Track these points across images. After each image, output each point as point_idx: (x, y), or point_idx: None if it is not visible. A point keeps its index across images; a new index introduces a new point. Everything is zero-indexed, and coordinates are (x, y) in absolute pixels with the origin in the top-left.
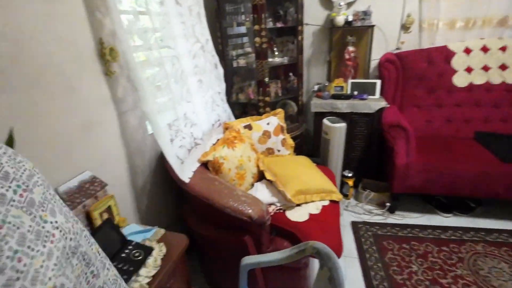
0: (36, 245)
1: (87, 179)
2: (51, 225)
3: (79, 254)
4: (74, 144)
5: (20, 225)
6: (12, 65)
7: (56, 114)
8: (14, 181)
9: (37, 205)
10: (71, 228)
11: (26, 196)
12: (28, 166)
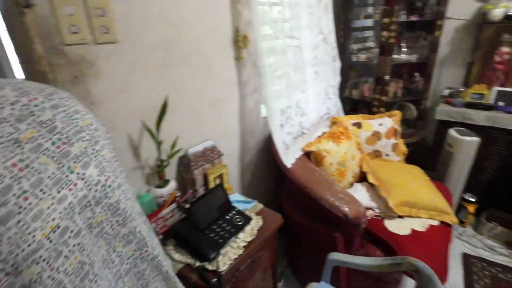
0: (50, 190)
1: (209, 147)
2: (77, 176)
3: (105, 204)
4: (204, 116)
5: (42, 171)
6: (173, 46)
7: (196, 90)
8: (58, 134)
9: (71, 157)
10: (105, 181)
11: (63, 148)
12: (82, 123)
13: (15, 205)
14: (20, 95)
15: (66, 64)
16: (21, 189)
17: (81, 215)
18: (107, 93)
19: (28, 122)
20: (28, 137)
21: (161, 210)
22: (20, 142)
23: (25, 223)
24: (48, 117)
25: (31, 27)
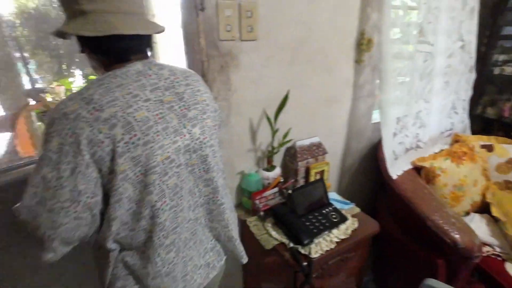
0: (170, 134)
1: (315, 142)
2: (187, 130)
3: (198, 154)
4: (316, 113)
5: (169, 122)
6: (301, 45)
7: (313, 87)
8: (184, 102)
9: (186, 118)
10: (202, 139)
11: (184, 111)
12: (199, 98)
13: (151, 137)
14: (171, 74)
15: (217, 55)
16: (157, 129)
17: (183, 155)
18: (242, 82)
19: (170, 91)
20: (168, 100)
21: (265, 191)
22: (162, 102)
23: (154, 149)
24: (181, 90)
25: (200, 25)
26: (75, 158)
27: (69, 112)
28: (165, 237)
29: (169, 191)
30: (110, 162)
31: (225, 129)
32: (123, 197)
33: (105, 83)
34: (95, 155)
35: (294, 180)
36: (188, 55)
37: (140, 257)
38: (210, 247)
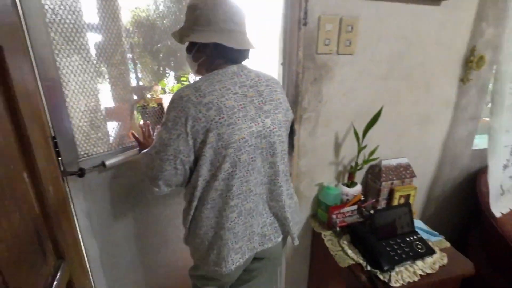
0: (247, 121)
1: (403, 164)
2: (260, 120)
3: (267, 140)
4: (407, 132)
5: (249, 112)
6: (398, 60)
7: (407, 104)
8: (262, 98)
9: (262, 110)
10: (272, 129)
11: (261, 105)
12: (275, 97)
13: (234, 121)
14: (256, 76)
15: (313, 68)
16: (238, 115)
17: (255, 139)
18: (333, 95)
19: (253, 89)
20: (250, 95)
21: (344, 206)
22: (246, 96)
23: (234, 129)
24: (262, 89)
25: (300, 38)
26: (181, 127)
27: (184, 96)
28: (231, 198)
29: (240, 164)
30: (203, 135)
31: (310, 139)
32: (207, 160)
33: (210, 79)
34: (193, 128)
35: (375, 200)
36: (284, 66)
37: (212, 210)
38: (268, 222)
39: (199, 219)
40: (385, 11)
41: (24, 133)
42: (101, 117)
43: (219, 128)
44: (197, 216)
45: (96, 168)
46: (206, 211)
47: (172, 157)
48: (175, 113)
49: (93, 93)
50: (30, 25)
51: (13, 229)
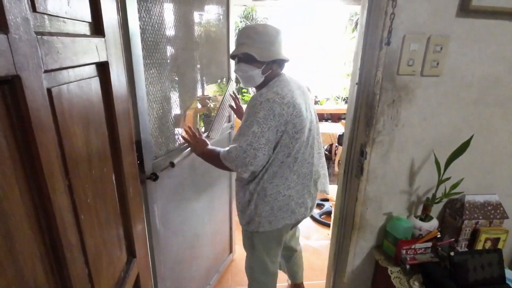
0: (305, 112)
1: (492, 202)
2: (313, 113)
3: (315, 125)
4: (498, 165)
5: (304, 106)
6: (494, 84)
7: (502, 134)
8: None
9: (308, 105)
10: (315, 118)
11: (308, 102)
12: (308, 100)
13: (301, 113)
14: (295, 81)
15: (391, 89)
16: (303, 109)
17: (309, 124)
18: (412, 118)
19: (300, 89)
20: (301, 93)
21: (416, 242)
22: (302, 94)
23: (302, 119)
24: (303, 90)
25: (381, 58)
26: (271, 122)
27: (270, 98)
28: (294, 167)
29: (303, 143)
30: (284, 126)
31: (381, 164)
32: (283, 144)
33: (279, 85)
34: (279, 122)
35: (454, 240)
36: (359, 86)
37: (281, 178)
38: (313, 191)
39: (269, 188)
40: (480, 29)
41: (117, 137)
42: (172, 122)
43: (294, 119)
44: (267, 186)
45: (166, 169)
46: (276, 180)
47: (263, 145)
48: (264, 112)
49: (166, 102)
50: (131, 43)
51: (101, 226)
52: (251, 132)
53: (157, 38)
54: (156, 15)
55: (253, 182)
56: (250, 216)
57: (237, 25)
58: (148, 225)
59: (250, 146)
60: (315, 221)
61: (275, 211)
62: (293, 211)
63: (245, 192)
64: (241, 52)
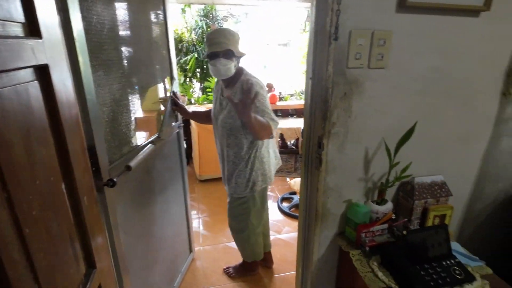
0: None
1: (438, 182)
2: None
3: None
4: (443, 149)
5: None
6: (436, 75)
7: (445, 121)
8: None
9: None
10: None
11: None
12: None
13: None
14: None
15: (343, 83)
16: None
17: None
18: (364, 110)
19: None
20: None
21: (374, 225)
22: None
23: None
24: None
25: (330, 53)
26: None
27: (255, 81)
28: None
29: None
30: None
31: (338, 155)
32: None
33: (250, 73)
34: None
35: (407, 219)
36: (313, 80)
37: (266, 148)
38: (276, 150)
39: (263, 151)
40: (420, 24)
41: (65, 144)
42: (125, 125)
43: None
44: (261, 150)
45: (123, 173)
46: (264, 144)
47: (270, 110)
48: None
49: (116, 104)
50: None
51: (51, 239)
52: (267, 103)
53: (101, 38)
54: (98, 15)
55: (252, 150)
56: (253, 180)
57: (197, 23)
58: (110, 233)
59: (272, 112)
60: (285, 214)
61: (269, 166)
62: (274, 165)
63: (247, 162)
64: (224, 49)
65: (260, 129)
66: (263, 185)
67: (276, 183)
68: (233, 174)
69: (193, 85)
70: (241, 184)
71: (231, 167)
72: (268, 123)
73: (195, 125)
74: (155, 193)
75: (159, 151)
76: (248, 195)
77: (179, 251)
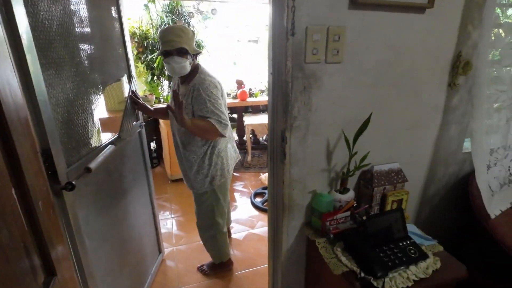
0: None
1: (395, 169)
2: None
3: None
4: (397, 138)
5: None
6: (386, 68)
7: (397, 111)
8: None
9: None
10: None
11: None
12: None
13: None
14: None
15: (301, 77)
16: None
17: None
18: (322, 103)
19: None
20: None
21: (337, 213)
22: None
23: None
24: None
25: (289, 49)
26: (218, 93)
27: (211, 80)
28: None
29: None
30: (221, 96)
31: (301, 147)
32: None
33: (207, 71)
34: (219, 93)
35: (368, 206)
36: (273, 75)
37: (223, 142)
38: (234, 143)
39: (220, 145)
40: (370, 20)
41: (12, 148)
42: (87, 128)
43: (223, 93)
44: (218, 145)
45: (82, 176)
46: (221, 138)
47: (224, 110)
48: (213, 88)
49: (70, 104)
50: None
51: (1, 247)
52: (218, 104)
53: (50, 35)
54: (44, 10)
55: (209, 146)
56: (212, 175)
57: (163, 20)
58: (72, 238)
59: (222, 113)
60: (258, 209)
61: (227, 161)
62: (232, 158)
63: (205, 157)
64: (177, 47)
65: (202, 133)
66: (222, 179)
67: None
68: (192, 169)
69: (161, 83)
70: (200, 180)
71: (188, 163)
72: (211, 125)
73: (163, 124)
74: (118, 195)
75: (120, 151)
76: (208, 190)
77: (147, 253)
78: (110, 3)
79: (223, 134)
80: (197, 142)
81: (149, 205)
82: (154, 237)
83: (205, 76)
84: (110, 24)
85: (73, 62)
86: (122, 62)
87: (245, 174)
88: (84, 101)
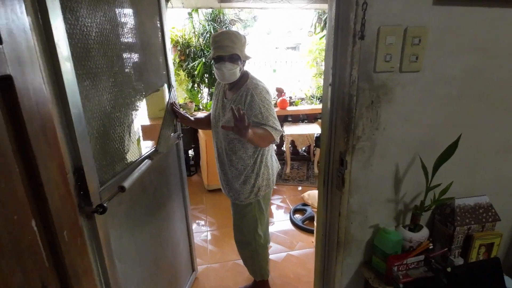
0: None
1: (483, 204)
2: None
3: None
4: (483, 163)
5: None
6: (475, 76)
7: (486, 130)
8: None
9: None
10: None
11: None
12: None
13: None
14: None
15: (369, 89)
16: None
17: None
18: (392, 120)
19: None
20: None
21: (408, 256)
22: None
23: None
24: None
25: (355, 54)
26: (270, 99)
27: (263, 86)
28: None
29: None
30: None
31: (363, 172)
32: None
33: (256, 77)
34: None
35: (447, 249)
36: (333, 87)
37: (269, 154)
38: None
39: (267, 156)
40: (459, 17)
41: (36, 171)
42: (123, 142)
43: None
44: (265, 154)
45: (116, 196)
46: (267, 154)
47: (276, 116)
48: (266, 94)
49: (106, 117)
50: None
51: None
52: (271, 109)
53: (88, 44)
54: (83, 16)
55: (258, 154)
56: (258, 185)
57: (205, 28)
58: (102, 263)
59: (275, 119)
60: (298, 228)
61: (272, 170)
62: (276, 168)
63: (254, 166)
64: (230, 53)
65: (260, 141)
66: (266, 190)
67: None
68: (238, 179)
69: (201, 91)
70: (246, 190)
71: (235, 171)
72: (268, 132)
73: (202, 133)
74: (152, 211)
75: (156, 165)
76: (253, 201)
77: (180, 271)
78: (153, 11)
79: (277, 141)
80: (247, 150)
81: (184, 221)
82: (187, 254)
83: (257, 82)
84: (151, 33)
85: (112, 72)
86: (162, 71)
87: (283, 187)
88: (121, 114)
